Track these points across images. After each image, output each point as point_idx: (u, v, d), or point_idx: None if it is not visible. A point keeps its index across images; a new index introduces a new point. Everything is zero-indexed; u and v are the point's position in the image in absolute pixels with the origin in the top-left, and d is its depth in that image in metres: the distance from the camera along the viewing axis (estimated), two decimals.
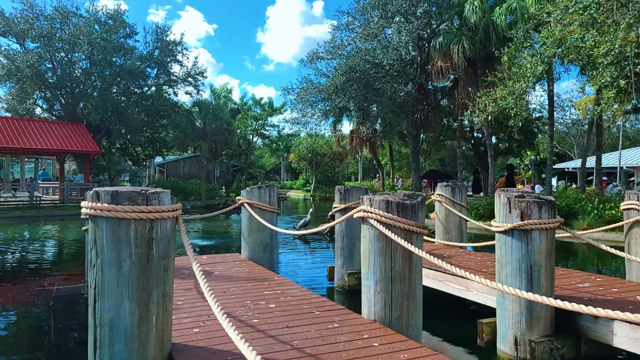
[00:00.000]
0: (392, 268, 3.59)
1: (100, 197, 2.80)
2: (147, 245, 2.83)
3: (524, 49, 12.15)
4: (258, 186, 6.72)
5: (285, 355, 2.95)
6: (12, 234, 15.65)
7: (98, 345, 2.79)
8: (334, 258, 7.51)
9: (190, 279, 5.21)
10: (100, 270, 2.79)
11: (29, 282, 8.64)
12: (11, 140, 22.70)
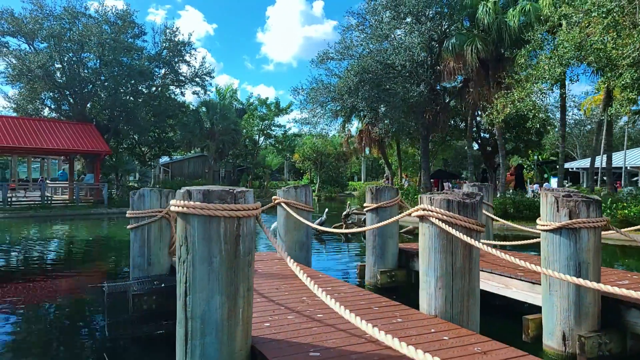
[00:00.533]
0: (454, 265, 3.72)
1: (192, 195, 2.93)
2: (235, 242, 2.96)
3: (542, 51, 12.27)
4: (294, 186, 6.87)
5: (364, 348, 3.08)
6: (39, 232, 15.78)
7: (189, 337, 2.93)
8: (365, 256, 7.64)
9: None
10: (191, 265, 2.93)
11: (75, 279, 8.84)
12: (23, 140, 22.83)
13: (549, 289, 4.50)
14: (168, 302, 5.45)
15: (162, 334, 5.29)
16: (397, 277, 7.33)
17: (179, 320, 3.01)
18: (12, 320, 6.22)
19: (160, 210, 5.88)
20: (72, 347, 5.29)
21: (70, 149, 24.58)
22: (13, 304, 7.06)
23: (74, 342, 5.44)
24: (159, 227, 5.91)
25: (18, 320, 6.21)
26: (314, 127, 24.77)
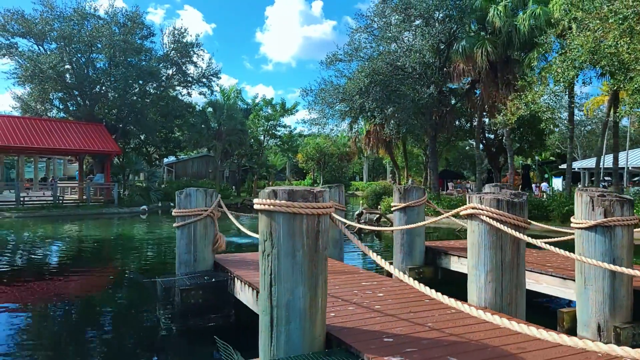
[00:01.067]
0: (503, 260, 4.00)
1: (277, 195, 3.21)
2: (315, 237, 3.24)
3: (552, 53, 12.58)
4: (329, 185, 7.14)
5: (430, 335, 3.37)
6: (62, 232, 16.03)
7: (275, 323, 3.21)
8: (393, 254, 7.92)
9: None
10: (276, 259, 3.21)
11: (123, 274, 9.15)
12: (36, 140, 23.08)
13: (584, 284, 4.77)
14: (213, 296, 5.75)
15: (213, 326, 5.58)
16: (425, 273, 7.61)
17: (264, 309, 3.29)
18: (74, 310, 6.52)
19: (206, 209, 6.16)
20: (129, 336, 5.58)
21: (81, 149, 24.85)
22: (70, 295, 7.37)
23: (131, 332, 5.73)
24: (204, 225, 6.19)
25: (78, 310, 6.51)
26: (323, 127, 25.00)
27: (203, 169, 52.72)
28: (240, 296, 5.42)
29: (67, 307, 6.84)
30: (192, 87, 33.77)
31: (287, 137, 44.15)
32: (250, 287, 5.05)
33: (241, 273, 5.53)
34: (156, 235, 15.46)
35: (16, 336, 5.55)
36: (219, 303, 5.76)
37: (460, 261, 7.16)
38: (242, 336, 5.56)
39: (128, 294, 7.74)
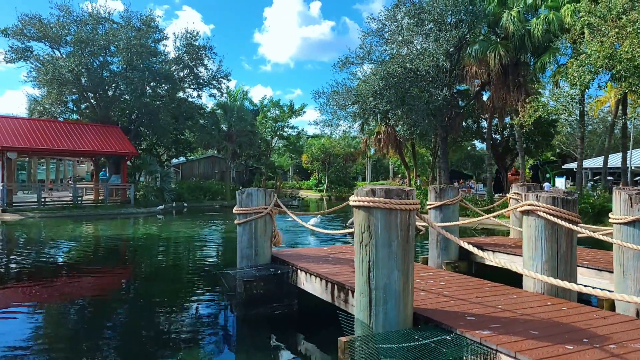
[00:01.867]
0: (558, 251, 4.51)
1: (375, 193, 3.72)
2: (407, 230, 3.75)
3: (570, 59, 13.08)
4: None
5: (504, 315, 3.87)
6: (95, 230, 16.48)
7: (373, 304, 3.71)
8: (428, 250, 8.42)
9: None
10: (374, 248, 3.72)
11: (181, 268, 9.66)
12: (56, 142, 23.56)
13: (622, 274, 5.28)
14: (275, 287, 6.26)
15: (278, 314, 6.09)
16: (460, 268, 8.10)
17: (362, 292, 3.79)
18: (149, 301, 7.02)
19: (266, 207, 6.66)
20: (198, 323, 6.07)
21: (100, 151, 25.34)
22: (144, 288, 7.86)
23: (199, 320, 6.23)
24: (264, 222, 6.69)
25: (153, 301, 7.01)
26: (335, 128, 25.54)
27: (209, 169, 53.20)
28: (305, 286, 5.92)
29: (149, 299, 7.34)
30: (202, 89, 34.26)
31: (294, 138, 44.64)
32: (318, 278, 5.56)
33: (305, 265, 6.03)
34: (185, 234, 15.95)
35: (97, 323, 6.04)
36: (281, 293, 6.27)
37: (495, 256, 7.65)
38: (305, 322, 6.09)
39: (193, 286, 8.24)
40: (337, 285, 5.15)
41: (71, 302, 7.13)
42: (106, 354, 5.01)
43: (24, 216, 20.13)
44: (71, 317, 6.46)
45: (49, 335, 5.65)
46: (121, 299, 7.49)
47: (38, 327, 6.00)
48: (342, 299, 5.03)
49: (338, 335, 5.52)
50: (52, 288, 8.07)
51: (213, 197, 32.95)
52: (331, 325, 5.89)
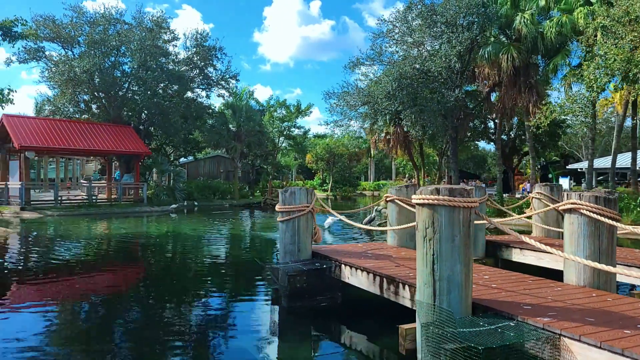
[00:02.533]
0: (599, 247, 4.83)
1: (440, 192, 4.03)
2: (468, 226, 4.07)
3: (588, 62, 13.39)
4: (406, 185, 7.97)
5: (557, 304, 4.18)
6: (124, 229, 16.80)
7: (437, 294, 4.03)
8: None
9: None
10: (438, 243, 4.03)
11: (220, 263, 10.00)
12: (72, 142, 23.89)
13: None
14: (319, 281, 6.57)
15: (324, 306, 6.41)
16: (487, 264, 8.40)
17: (426, 282, 4.10)
18: (198, 293, 7.34)
19: (308, 205, 6.98)
20: (245, 315, 6.39)
21: (114, 150, 25.68)
22: (196, 283, 8.18)
23: (246, 312, 6.54)
24: (305, 219, 7.00)
25: (199, 294, 7.32)
26: (346, 128, 25.85)
27: (214, 169, 53.55)
28: (350, 280, 6.24)
29: (196, 291, 7.66)
30: (211, 89, 34.58)
31: (301, 138, 44.99)
32: (365, 272, 5.87)
33: (349, 260, 6.35)
34: (208, 232, 16.28)
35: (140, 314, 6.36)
36: (325, 286, 6.59)
37: (522, 252, 7.98)
38: (349, 313, 6.40)
39: (235, 280, 8.56)
40: (386, 279, 5.46)
41: (128, 296, 7.46)
42: (158, 344, 5.32)
43: (42, 214, 20.45)
44: (131, 310, 6.76)
45: (108, 325, 5.96)
46: (169, 292, 7.80)
47: (94, 319, 6.31)
48: (392, 291, 5.35)
49: (382, 325, 5.87)
50: (95, 282, 8.40)
51: (222, 197, 33.28)
52: (374, 316, 6.23)
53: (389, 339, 5.02)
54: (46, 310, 6.57)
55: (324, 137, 55.67)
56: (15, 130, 21.80)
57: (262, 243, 13.92)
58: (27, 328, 5.62)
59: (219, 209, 28.26)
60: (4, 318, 6.10)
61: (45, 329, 5.73)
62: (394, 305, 5.34)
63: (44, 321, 6.05)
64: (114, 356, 4.86)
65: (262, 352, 5.09)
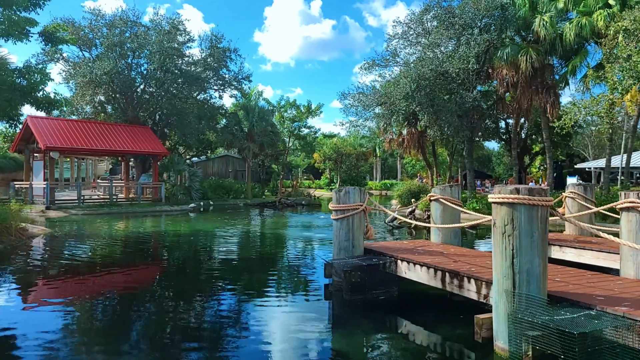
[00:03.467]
0: None
1: (520, 191, 4.36)
2: (545, 222, 4.40)
3: (611, 64, 13.68)
4: (450, 185, 8.29)
5: (624, 295, 4.50)
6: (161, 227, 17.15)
7: (517, 285, 4.35)
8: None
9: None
10: (517, 238, 4.36)
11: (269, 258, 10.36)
12: (93, 142, 24.27)
13: None
14: (370, 276, 6.90)
15: (382, 299, 6.74)
16: None
17: (505, 275, 4.43)
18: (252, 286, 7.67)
19: (361, 204, 7.31)
20: (300, 307, 6.71)
21: (133, 150, 26.06)
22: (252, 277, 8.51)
23: (303, 304, 6.86)
24: (359, 217, 7.34)
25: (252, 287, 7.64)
26: (362, 128, 26.17)
27: (223, 168, 53.94)
28: (407, 274, 6.57)
29: (250, 285, 7.99)
30: (225, 90, 34.93)
31: (311, 138, 45.31)
32: (425, 267, 6.21)
33: (406, 256, 6.68)
34: (238, 229, 16.67)
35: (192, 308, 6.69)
36: (379, 281, 6.91)
37: (562, 250, 8.28)
38: (407, 306, 6.72)
39: (289, 275, 8.89)
40: (449, 273, 5.79)
41: (199, 290, 7.79)
42: (229, 333, 5.64)
43: (67, 213, 20.82)
44: (204, 304, 7.08)
45: (152, 317, 6.29)
46: (229, 286, 8.11)
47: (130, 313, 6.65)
48: (456, 285, 5.68)
49: (439, 316, 6.19)
50: (150, 275, 8.74)
51: (236, 196, 33.65)
52: (431, 308, 6.55)
53: (455, 329, 5.35)
54: (88, 303, 6.92)
55: (332, 136, 56.00)
56: (40, 131, 22.19)
57: (300, 240, 14.11)
58: (50, 322, 5.90)
59: (233, 208, 28.62)
60: (38, 311, 6.43)
61: (82, 323, 6.06)
62: (446, 299, 5.66)
63: (82, 315, 6.40)
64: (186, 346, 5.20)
65: (323, 343, 5.36)
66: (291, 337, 5.43)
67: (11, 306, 6.73)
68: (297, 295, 7.43)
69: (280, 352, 4.98)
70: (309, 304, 7.02)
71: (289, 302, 7.09)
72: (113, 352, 4.91)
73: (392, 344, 5.33)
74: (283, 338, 5.42)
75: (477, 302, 5.43)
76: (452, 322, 5.82)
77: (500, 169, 69.00)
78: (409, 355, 4.96)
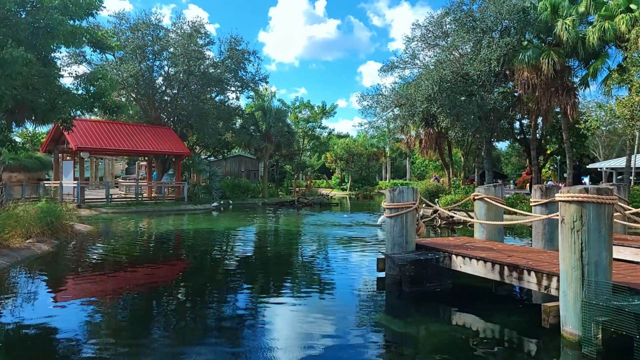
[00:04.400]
0: None
1: (589, 190, 4.82)
2: (611, 219, 4.85)
3: (637, 67, 14.04)
4: (494, 184, 8.75)
5: None
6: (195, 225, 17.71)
7: (586, 276, 4.81)
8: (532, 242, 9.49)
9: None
10: (586, 233, 4.81)
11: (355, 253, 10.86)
12: (120, 142, 24.93)
13: None
14: (424, 269, 7.37)
15: (437, 291, 7.21)
16: None
17: (574, 267, 4.88)
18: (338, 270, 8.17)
19: (414, 202, 7.78)
20: (357, 298, 7.19)
21: (158, 151, 26.69)
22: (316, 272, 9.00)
23: (359, 295, 7.34)
24: (412, 215, 7.81)
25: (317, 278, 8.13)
26: (376, 130, 26.66)
27: (235, 168, 54.52)
28: (462, 268, 7.03)
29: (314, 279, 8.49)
30: (242, 91, 35.51)
31: (325, 138, 45.86)
32: (481, 261, 6.67)
33: (461, 251, 7.14)
34: (267, 227, 17.18)
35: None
36: (432, 274, 7.38)
37: (616, 249, 8.68)
38: (461, 298, 7.17)
39: (337, 269, 9.37)
40: (507, 266, 6.25)
41: (258, 281, 8.31)
42: (298, 318, 6.12)
43: (97, 212, 21.44)
44: (265, 294, 7.59)
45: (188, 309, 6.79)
46: (281, 280, 8.61)
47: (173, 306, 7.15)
48: (515, 277, 6.14)
49: (493, 307, 6.64)
50: (200, 268, 9.27)
51: (253, 195, 34.23)
52: (483, 300, 7.01)
53: (513, 317, 5.82)
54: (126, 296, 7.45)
55: (344, 136, 56.57)
56: (71, 132, 22.79)
57: (335, 237, 14.49)
58: (93, 315, 6.28)
59: (252, 207, 29.17)
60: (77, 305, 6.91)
61: (116, 317, 6.55)
62: (491, 291, 6.09)
63: (115, 309, 6.91)
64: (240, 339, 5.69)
65: (385, 330, 5.81)
66: (351, 327, 5.85)
67: (52, 300, 7.11)
68: (351, 289, 7.89)
69: (346, 339, 5.38)
70: (363, 296, 7.47)
71: (345, 294, 7.55)
72: (141, 344, 5.20)
73: (457, 330, 5.76)
74: (344, 328, 5.83)
75: (518, 294, 5.90)
76: (509, 312, 6.32)
77: (508, 168, 69.35)
78: (481, 340, 5.41)
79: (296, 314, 6.31)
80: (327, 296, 7.35)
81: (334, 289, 7.82)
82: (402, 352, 5.09)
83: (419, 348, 5.21)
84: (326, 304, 6.94)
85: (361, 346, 5.09)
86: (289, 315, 6.33)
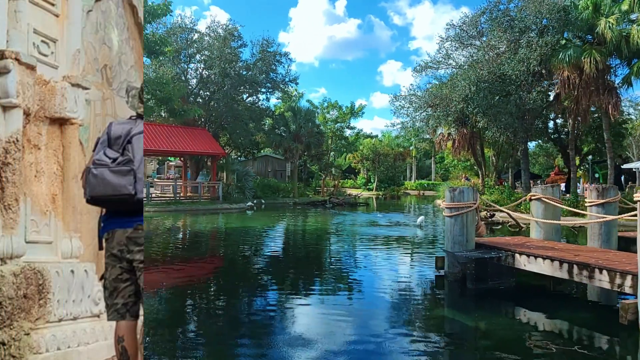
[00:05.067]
0: None
1: None
2: None
3: None
4: (551, 185, 8.83)
5: None
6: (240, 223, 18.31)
7: None
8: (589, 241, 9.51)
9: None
10: None
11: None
12: (161, 143, 25.75)
13: None
14: (486, 267, 7.52)
15: (502, 289, 7.38)
16: None
17: None
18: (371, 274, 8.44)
19: (474, 202, 7.96)
20: (416, 294, 7.40)
21: (195, 151, 27.50)
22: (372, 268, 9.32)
23: (418, 291, 7.55)
24: (472, 215, 7.99)
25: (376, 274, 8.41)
26: (413, 130, 26.69)
27: (263, 168, 55.22)
28: (527, 267, 7.17)
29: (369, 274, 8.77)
30: (273, 92, 36.11)
31: (353, 138, 46.11)
32: (548, 260, 6.80)
33: (525, 250, 7.29)
34: (313, 226, 17.58)
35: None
36: (494, 272, 7.54)
37: None
38: (523, 295, 7.32)
39: (396, 266, 9.63)
40: (577, 265, 6.37)
41: (317, 275, 8.64)
42: (365, 309, 6.37)
43: None
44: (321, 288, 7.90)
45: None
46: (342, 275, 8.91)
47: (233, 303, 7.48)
48: (585, 276, 6.26)
49: (556, 305, 6.73)
50: (266, 262, 9.66)
51: (284, 195, 34.75)
52: (547, 297, 7.14)
53: (589, 313, 5.94)
54: (187, 290, 7.82)
55: (371, 137, 56.62)
56: None
57: (380, 237, 14.69)
58: None
59: (283, 207, 29.64)
60: None
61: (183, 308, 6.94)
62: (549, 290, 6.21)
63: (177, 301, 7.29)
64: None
65: (448, 326, 6.02)
66: (418, 320, 6.11)
67: None
68: (410, 285, 8.11)
69: (412, 334, 5.62)
70: (424, 292, 7.69)
71: (406, 291, 7.78)
72: None
73: (527, 326, 5.92)
74: (411, 320, 6.09)
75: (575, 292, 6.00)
76: (574, 309, 6.48)
77: (535, 168, 67.98)
78: (559, 334, 5.57)
79: (363, 311, 6.58)
80: (391, 292, 7.60)
81: (395, 286, 8.06)
82: (475, 346, 5.29)
83: (492, 341, 5.39)
84: (390, 300, 7.18)
85: (429, 340, 5.32)
86: (357, 312, 6.60)
